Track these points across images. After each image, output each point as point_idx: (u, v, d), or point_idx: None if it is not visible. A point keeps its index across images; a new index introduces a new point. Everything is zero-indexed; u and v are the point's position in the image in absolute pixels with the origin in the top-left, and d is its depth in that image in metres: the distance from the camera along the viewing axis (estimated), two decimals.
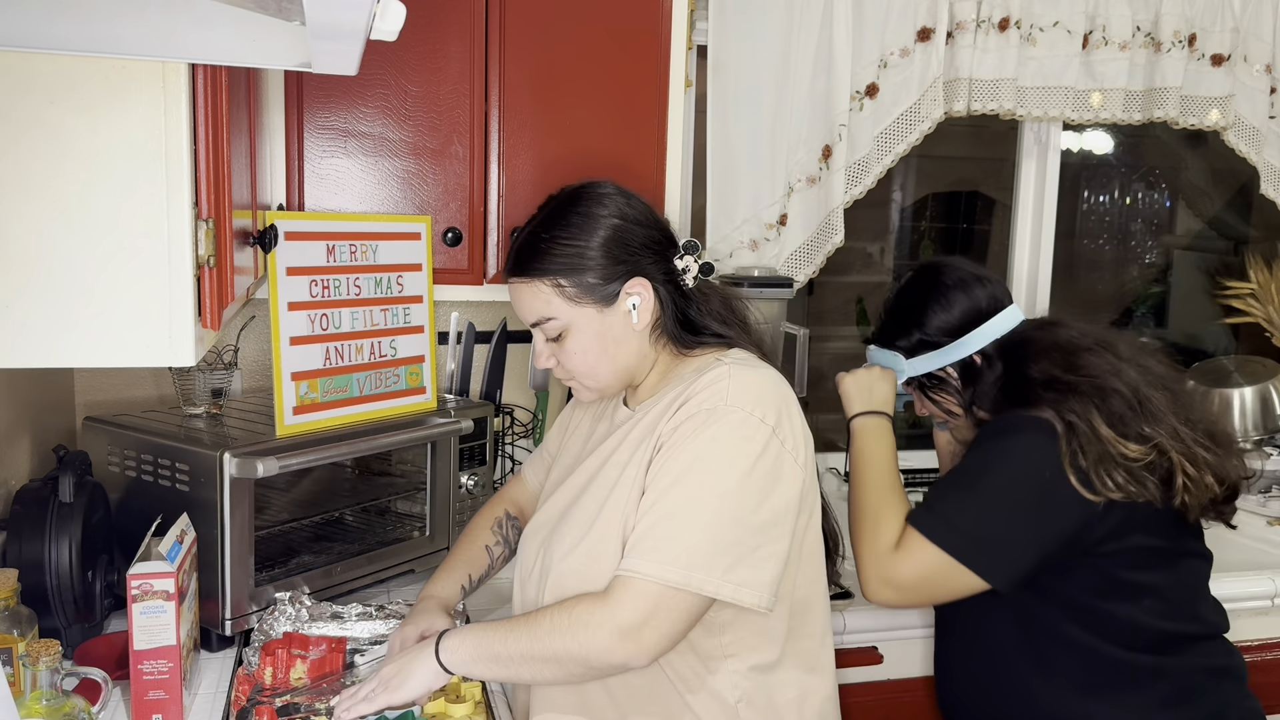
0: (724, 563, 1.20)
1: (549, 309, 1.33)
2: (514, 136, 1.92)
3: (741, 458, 1.22)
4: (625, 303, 1.33)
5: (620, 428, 1.38)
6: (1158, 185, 3.52)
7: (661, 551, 1.20)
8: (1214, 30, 2.57)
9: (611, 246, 1.32)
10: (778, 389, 1.29)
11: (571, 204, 1.35)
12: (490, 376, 2.20)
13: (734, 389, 1.25)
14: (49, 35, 0.96)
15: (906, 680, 1.93)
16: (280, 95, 1.79)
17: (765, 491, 1.23)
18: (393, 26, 0.95)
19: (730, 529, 1.21)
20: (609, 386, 1.38)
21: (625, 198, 1.36)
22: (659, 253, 1.36)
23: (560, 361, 1.37)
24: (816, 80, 2.37)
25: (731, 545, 1.20)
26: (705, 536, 1.20)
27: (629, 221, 1.34)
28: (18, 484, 1.60)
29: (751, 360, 1.34)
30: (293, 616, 1.57)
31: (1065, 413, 1.46)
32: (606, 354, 1.34)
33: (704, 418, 1.24)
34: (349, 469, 2.00)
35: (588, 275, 1.31)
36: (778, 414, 1.26)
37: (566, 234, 1.32)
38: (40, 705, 1.17)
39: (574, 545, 1.30)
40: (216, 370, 1.81)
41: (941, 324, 1.64)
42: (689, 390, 1.28)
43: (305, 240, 1.70)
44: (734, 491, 1.21)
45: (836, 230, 2.42)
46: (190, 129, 1.10)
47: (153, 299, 1.11)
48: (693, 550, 1.19)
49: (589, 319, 1.33)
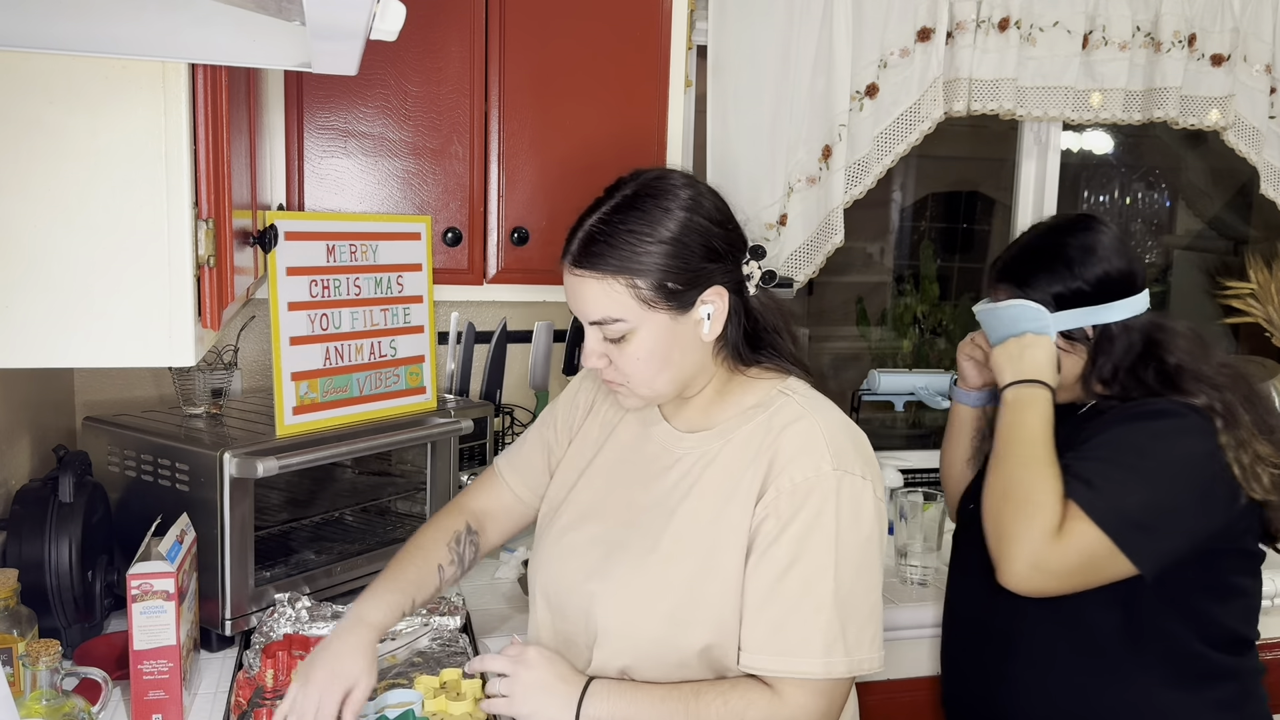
0: (869, 635, 1.20)
1: (619, 309, 1.19)
2: (514, 136, 1.92)
3: (861, 526, 1.20)
4: (700, 311, 1.21)
5: (682, 459, 1.28)
6: (1158, 185, 3.52)
7: (819, 643, 1.16)
8: (1214, 30, 2.57)
9: (694, 250, 1.19)
10: (857, 435, 1.26)
11: (652, 197, 1.20)
12: (490, 376, 2.20)
13: (831, 450, 1.20)
14: (49, 35, 0.96)
15: (907, 680, 1.93)
16: (280, 95, 1.79)
17: (880, 552, 1.23)
18: (393, 26, 0.95)
19: (867, 601, 1.21)
20: (663, 396, 1.26)
21: (703, 192, 1.24)
22: (733, 257, 1.24)
23: (615, 363, 1.23)
24: (816, 80, 2.37)
25: (873, 617, 1.21)
26: (852, 616, 1.18)
27: (711, 221, 1.21)
28: (18, 484, 1.60)
29: (816, 397, 1.28)
30: (293, 617, 1.57)
31: (1222, 405, 1.41)
32: (670, 363, 1.22)
33: (812, 487, 1.18)
34: (349, 469, 2.00)
35: (667, 279, 1.18)
36: (871, 466, 1.23)
37: (648, 230, 1.18)
38: (40, 705, 1.17)
39: (650, 605, 1.22)
40: (216, 370, 1.81)
41: (1103, 279, 1.49)
42: (775, 449, 1.21)
43: (305, 240, 1.70)
44: (864, 565, 1.20)
45: (836, 230, 2.42)
46: (190, 129, 1.10)
47: (153, 299, 1.11)
48: (845, 634, 1.17)
49: (659, 325, 1.20)
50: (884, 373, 2.54)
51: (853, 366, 3.19)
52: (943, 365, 3.03)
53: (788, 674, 1.17)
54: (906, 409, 3.04)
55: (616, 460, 1.35)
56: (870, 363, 3.11)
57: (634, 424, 1.36)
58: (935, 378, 2.56)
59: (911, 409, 3.02)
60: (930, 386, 2.54)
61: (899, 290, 3.18)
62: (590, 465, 1.38)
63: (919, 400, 2.58)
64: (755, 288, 1.27)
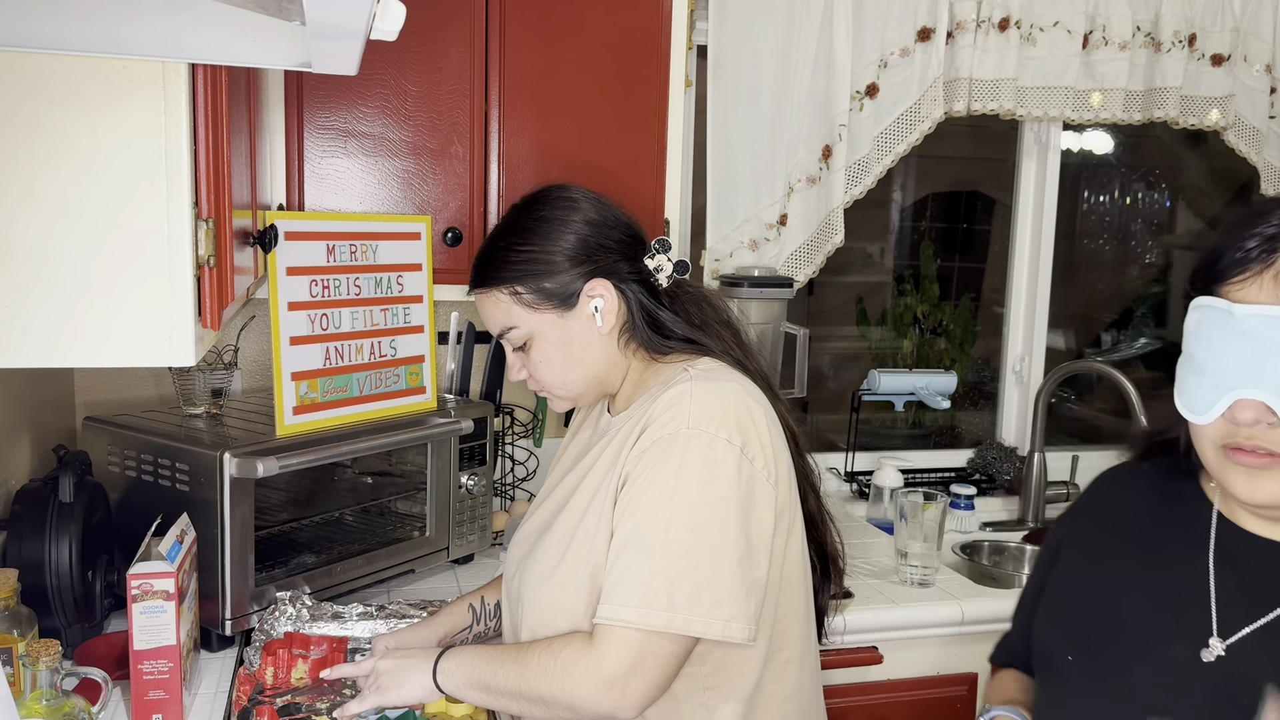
0: (709, 599, 1.14)
1: (509, 318, 1.30)
2: (514, 137, 1.92)
3: (713, 485, 1.16)
4: (587, 306, 1.28)
5: (600, 441, 1.34)
6: (1158, 185, 3.52)
7: (640, 594, 1.15)
8: (1214, 30, 2.57)
9: (568, 249, 1.28)
10: (740, 402, 1.22)
11: (526, 210, 1.32)
12: (490, 376, 2.20)
13: (695, 410, 1.19)
14: (49, 35, 0.96)
15: (906, 680, 1.93)
16: (280, 95, 1.79)
17: (743, 517, 1.17)
18: (393, 26, 0.95)
19: (710, 563, 1.15)
20: (581, 394, 1.34)
21: (585, 199, 1.32)
22: (625, 253, 1.31)
23: (530, 373, 1.34)
24: (816, 80, 2.37)
25: (715, 580, 1.15)
26: (685, 574, 1.14)
27: (588, 223, 1.30)
28: (18, 484, 1.60)
29: (716, 371, 1.27)
30: (293, 616, 1.57)
31: None
32: (573, 361, 1.30)
33: (666, 444, 1.18)
34: (349, 469, 2.00)
35: (544, 280, 1.27)
36: (743, 431, 1.19)
37: (521, 240, 1.29)
38: (40, 705, 1.17)
39: (545, 576, 1.28)
40: (216, 370, 1.81)
41: None
42: (649, 413, 1.22)
43: (305, 240, 1.70)
44: (710, 523, 1.16)
45: (836, 230, 2.42)
46: (190, 129, 1.10)
47: (153, 299, 1.11)
48: (673, 590, 1.14)
49: (550, 325, 1.29)
50: (884, 373, 2.54)
51: (853, 366, 3.19)
52: (942, 365, 3.03)
53: (608, 621, 1.17)
54: (906, 409, 3.04)
55: (570, 457, 1.43)
56: (870, 363, 3.11)
57: (590, 421, 1.44)
58: (935, 378, 2.56)
59: (911, 409, 3.02)
60: (930, 386, 2.55)
61: (899, 290, 3.18)
62: (555, 467, 1.47)
63: (919, 400, 2.59)
64: (668, 279, 1.33)
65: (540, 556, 1.31)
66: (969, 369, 3.13)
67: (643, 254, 1.33)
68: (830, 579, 1.40)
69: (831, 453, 2.60)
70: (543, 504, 1.40)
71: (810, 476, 1.36)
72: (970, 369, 3.14)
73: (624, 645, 1.15)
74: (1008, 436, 2.84)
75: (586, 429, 1.44)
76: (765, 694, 1.27)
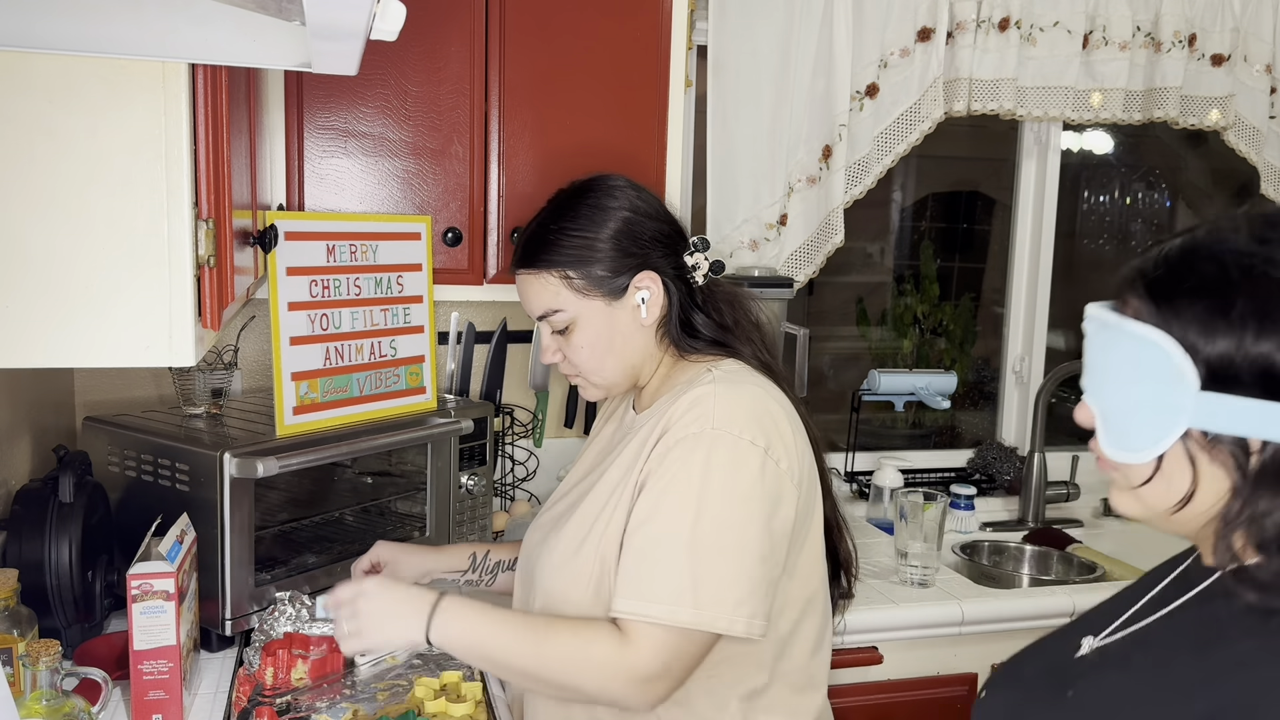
0: (734, 596, 1.16)
1: (556, 301, 1.30)
2: (514, 137, 1.92)
3: (739, 484, 1.18)
4: (634, 296, 1.30)
5: (624, 439, 1.35)
6: (1158, 185, 3.52)
7: (667, 591, 1.15)
8: (1214, 30, 2.57)
9: (621, 239, 1.29)
10: (762, 405, 1.24)
11: (581, 195, 1.33)
12: (490, 376, 2.20)
13: (719, 411, 1.20)
14: (49, 35, 0.96)
15: (907, 680, 1.93)
16: (280, 95, 1.79)
17: (767, 517, 1.19)
18: (393, 26, 0.95)
19: (735, 561, 1.17)
20: (615, 384, 1.35)
21: (636, 190, 1.34)
22: (669, 247, 1.33)
23: (566, 356, 1.34)
24: (816, 80, 2.37)
25: (739, 578, 1.16)
26: (711, 571, 1.16)
27: (639, 214, 1.31)
28: (18, 484, 1.60)
29: (740, 374, 1.29)
30: (293, 616, 1.57)
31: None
32: (614, 349, 1.32)
33: (691, 443, 1.19)
34: (349, 469, 2.00)
35: (596, 267, 1.29)
36: (766, 433, 1.21)
37: (575, 225, 1.30)
38: (40, 705, 1.17)
39: (559, 566, 1.29)
40: (216, 370, 1.81)
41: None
42: (670, 414, 1.23)
43: (305, 240, 1.70)
44: (735, 522, 1.17)
45: (836, 230, 2.42)
46: (190, 129, 1.10)
47: (153, 299, 1.11)
48: (699, 587, 1.15)
49: (596, 312, 1.30)
50: (884, 373, 2.54)
51: (853, 367, 3.19)
52: (942, 365, 3.03)
53: (634, 616, 1.17)
54: (906, 409, 3.04)
55: (593, 451, 1.45)
56: (870, 363, 3.11)
57: (616, 417, 1.44)
58: (935, 378, 2.56)
59: (911, 409, 3.02)
60: (930, 386, 2.54)
61: (899, 290, 3.18)
62: (578, 461, 1.48)
63: (919, 400, 2.59)
64: (703, 278, 1.35)
65: (555, 546, 1.31)
66: (969, 369, 3.13)
67: (684, 250, 1.34)
68: (839, 583, 1.41)
69: (832, 453, 2.60)
70: (565, 495, 1.41)
71: (828, 482, 1.37)
72: (970, 369, 3.14)
73: (659, 646, 1.16)
74: (1008, 436, 2.84)
75: (612, 424, 1.45)
76: (774, 689, 1.29)
